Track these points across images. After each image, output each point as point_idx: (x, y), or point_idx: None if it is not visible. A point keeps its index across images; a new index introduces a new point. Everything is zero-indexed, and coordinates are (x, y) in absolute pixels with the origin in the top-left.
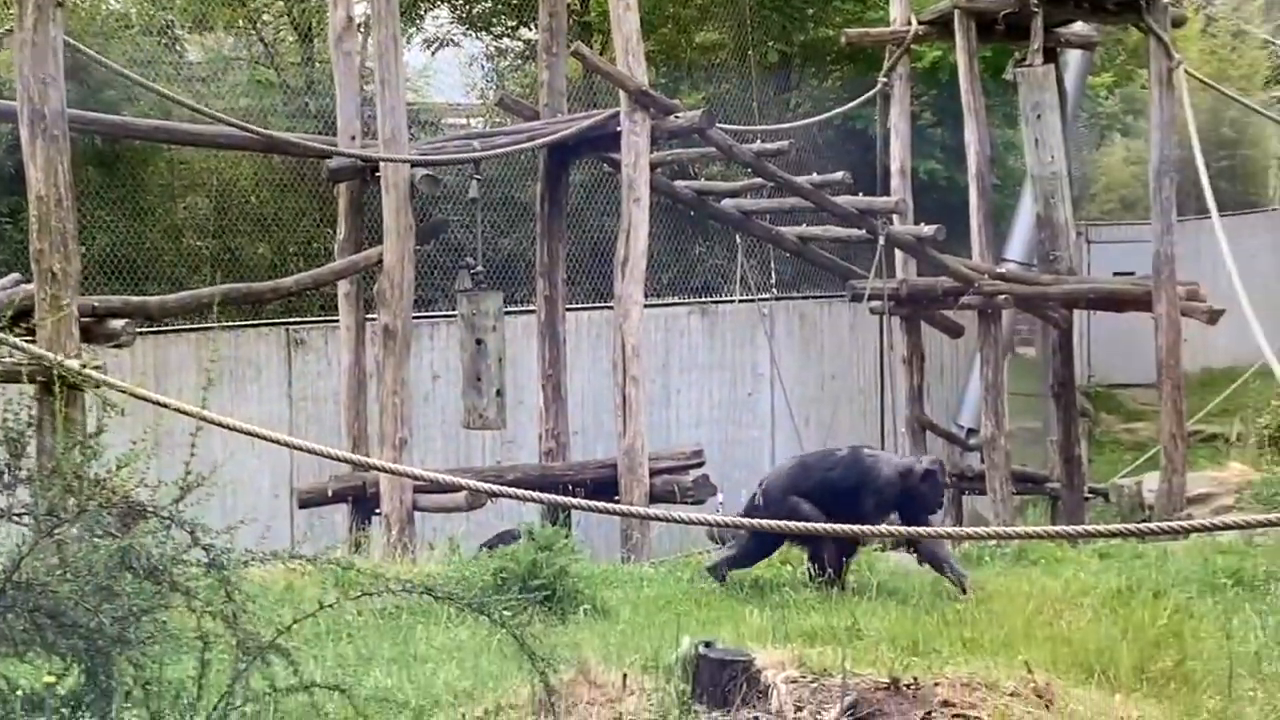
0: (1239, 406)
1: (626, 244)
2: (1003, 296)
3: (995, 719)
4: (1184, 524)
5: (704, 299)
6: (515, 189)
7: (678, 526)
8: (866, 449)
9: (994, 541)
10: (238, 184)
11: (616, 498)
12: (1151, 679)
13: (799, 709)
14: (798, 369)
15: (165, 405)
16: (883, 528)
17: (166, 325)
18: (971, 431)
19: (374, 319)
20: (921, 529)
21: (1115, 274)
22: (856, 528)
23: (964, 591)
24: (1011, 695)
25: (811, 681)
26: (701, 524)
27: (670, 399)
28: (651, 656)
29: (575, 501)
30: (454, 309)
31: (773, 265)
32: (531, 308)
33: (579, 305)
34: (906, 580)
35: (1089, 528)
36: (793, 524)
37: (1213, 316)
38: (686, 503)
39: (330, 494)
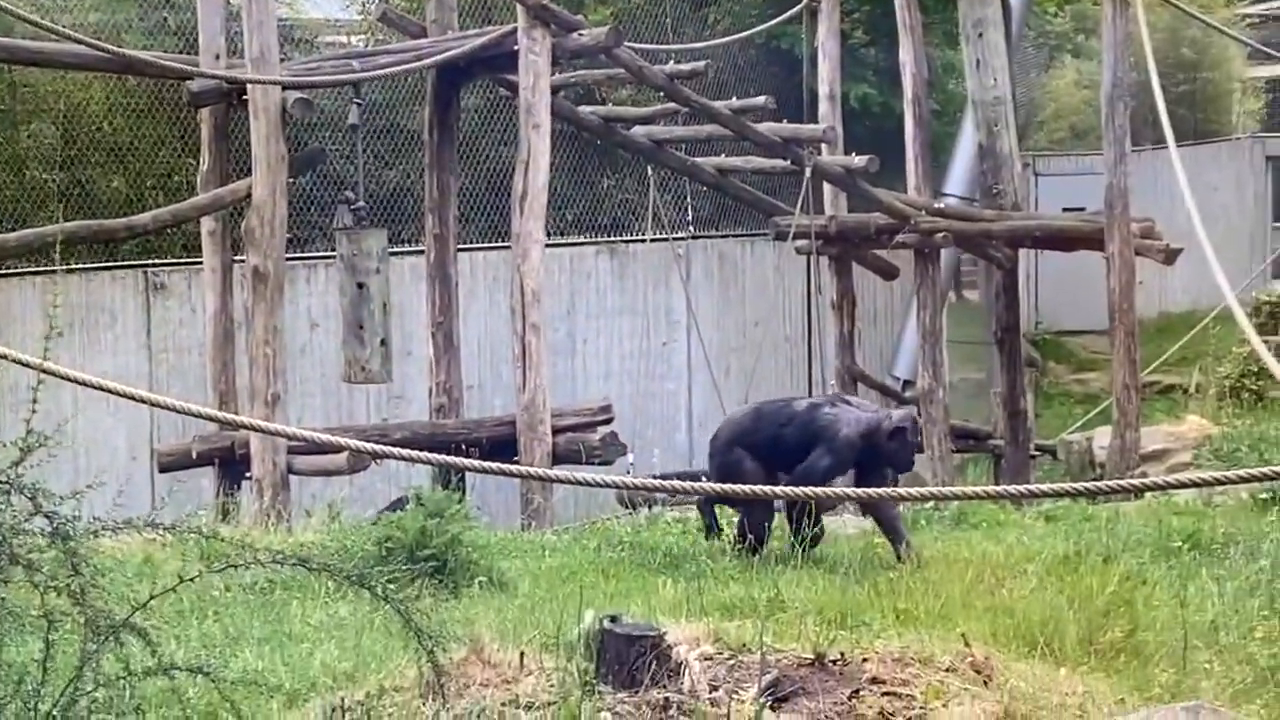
0: (1198, 355)
1: (525, 176)
2: (941, 234)
3: (929, 696)
4: (1137, 483)
5: (613, 238)
6: (401, 115)
7: (584, 490)
8: (828, 406)
9: (931, 503)
10: (88, 109)
11: (515, 458)
12: (1100, 651)
13: (714, 688)
14: (717, 315)
15: (3, 357)
16: (819, 490)
17: (8, 268)
18: (907, 383)
19: (242, 260)
20: (863, 490)
21: (1065, 209)
22: (783, 490)
23: (899, 560)
24: (947, 670)
25: (729, 658)
26: (610, 487)
27: (575, 348)
28: (552, 633)
29: (469, 463)
30: (333, 249)
31: (689, 200)
32: (420, 247)
33: (473, 245)
34: (836, 547)
35: (1034, 487)
36: (716, 485)
37: (1170, 256)
38: (593, 463)
39: (194, 456)
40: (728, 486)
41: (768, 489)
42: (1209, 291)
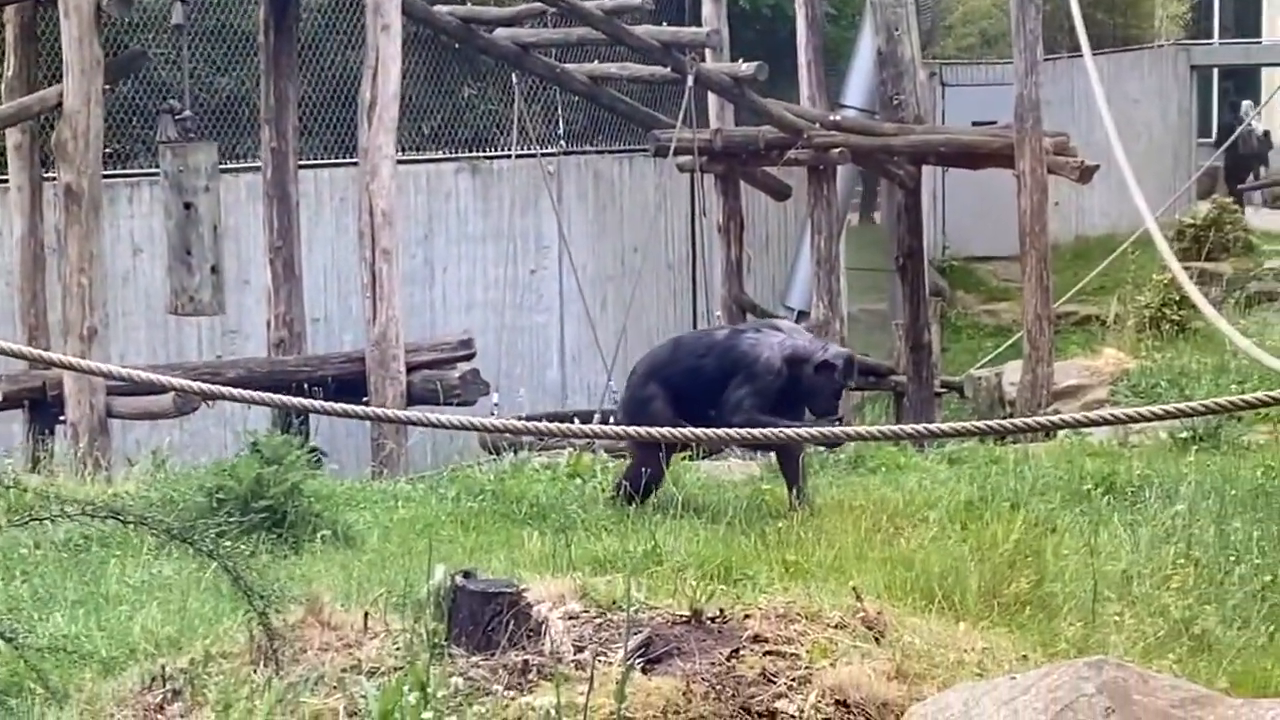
0: (1116, 283)
1: (374, 84)
2: (838, 150)
3: (815, 655)
4: (1048, 421)
5: (474, 154)
6: (233, 14)
7: (442, 434)
8: (751, 332)
9: (824, 445)
10: None
11: (365, 399)
12: (1003, 604)
13: (579, 649)
14: (591, 240)
15: None
16: (713, 431)
17: None
18: (802, 314)
19: (53, 178)
20: (745, 430)
21: (973, 123)
22: (676, 431)
23: (791, 508)
24: (836, 627)
25: (596, 617)
26: (471, 429)
27: (434, 277)
28: (402, 592)
29: (312, 403)
30: (157, 165)
31: (559, 112)
32: (256, 164)
33: (316, 161)
34: (719, 493)
35: (938, 427)
36: (596, 428)
37: (1085, 174)
38: (452, 404)
39: (1, 397)
40: (601, 428)
41: (636, 430)
42: (1129, 214)
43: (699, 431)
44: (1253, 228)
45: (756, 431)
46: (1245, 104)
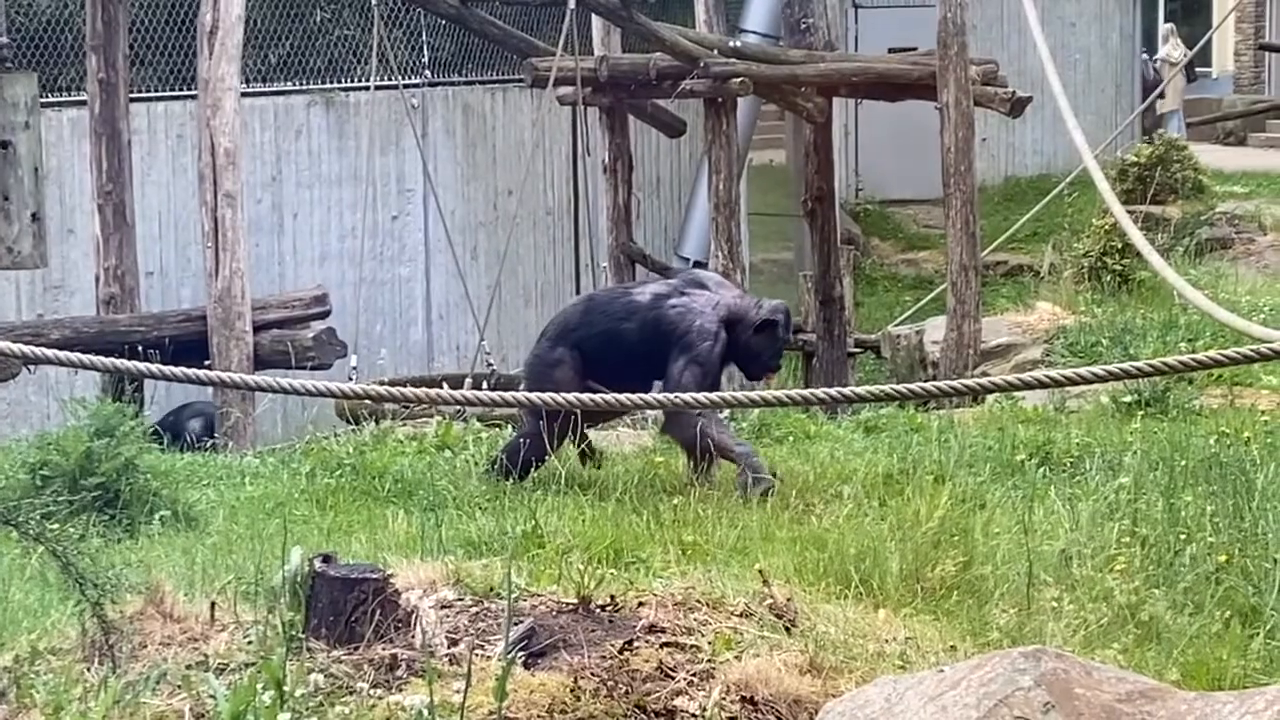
0: (1051, 228)
1: (215, 6)
2: (738, 80)
3: (718, 646)
4: (976, 383)
5: (328, 85)
6: None
7: (294, 402)
8: (675, 296)
9: (727, 412)
10: None
11: (207, 362)
12: (928, 589)
13: (454, 641)
14: (460, 182)
15: None
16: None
17: None
18: (698, 264)
19: None
20: (646, 396)
21: (890, 50)
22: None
23: (745, 492)
24: (741, 615)
25: (473, 605)
26: (327, 396)
27: (284, 225)
28: (253, 579)
29: (148, 367)
30: None
31: (424, 38)
32: (82, 96)
33: (150, 94)
34: (608, 467)
35: (852, 390)
36: (468, 394)
37: (1016, 106)
38: (305, 367)
39: None
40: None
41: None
42: (1065, 151)
43: (580, 397)
44: (1203, 167)
45: (646, 397)
46: (1165, 27)
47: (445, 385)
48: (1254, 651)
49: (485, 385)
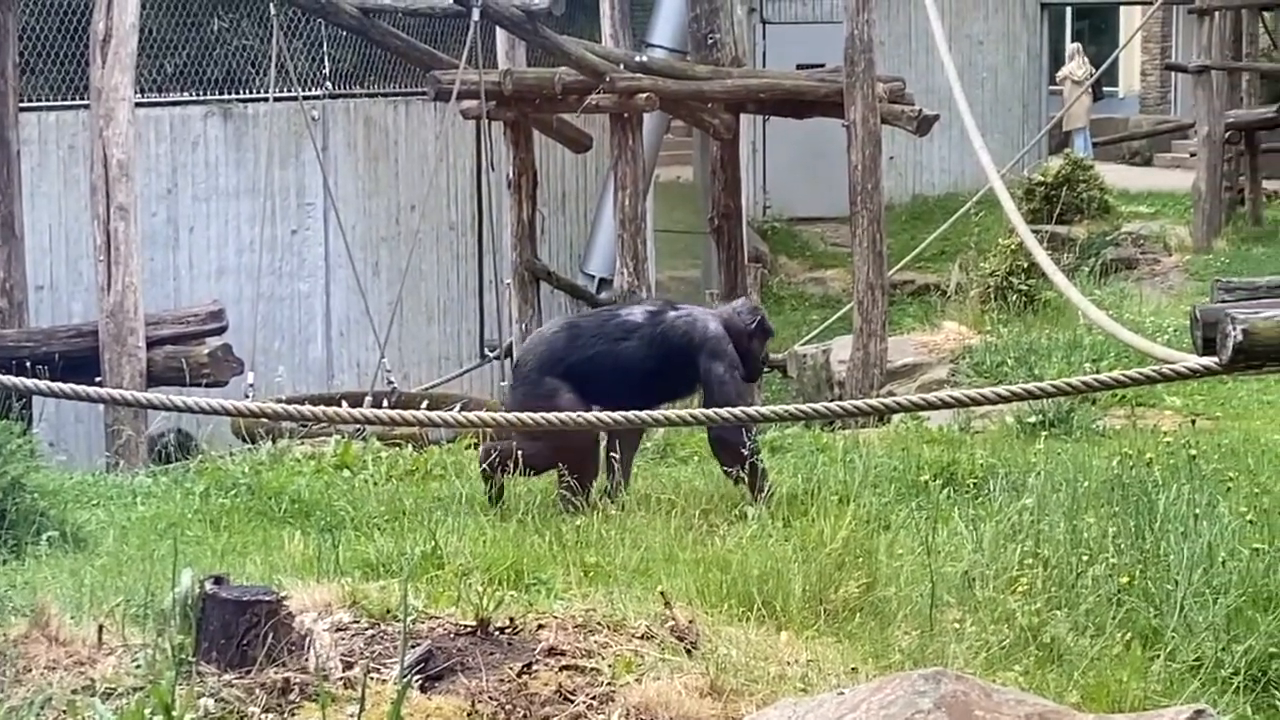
0: (958, 248)
1: (109, 13)
2: (645, 96)
3: (619, 669)
4: (882, 403)
5: (226, 95)
6: None
7: (189, 420)
8: (670, 311)
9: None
10: None
11: (98, 379)
12: (831, 611)
13: (349, 665)
14: (363, 197)
15: None
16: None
17: None
18: (603, 282)
19: None
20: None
21: (798, 66)
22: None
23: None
24: (643, 638)
25: (369, 628)
26: (222, 414)
27: (179, 239)
28: (142, 601)
29: (36, 384)
30: None
31: (325, 48)
32: None
33: (40, 103)
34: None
35: (756, 410)
36: (367, 412)
37: (923, 124)
38: (201, 385)
39: None
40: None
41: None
42: (972, 170)
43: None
44: (1110, 186)
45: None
46: (1072, 46)
47: (344, 403)
48: (1155, 673)
49: (386, 403)
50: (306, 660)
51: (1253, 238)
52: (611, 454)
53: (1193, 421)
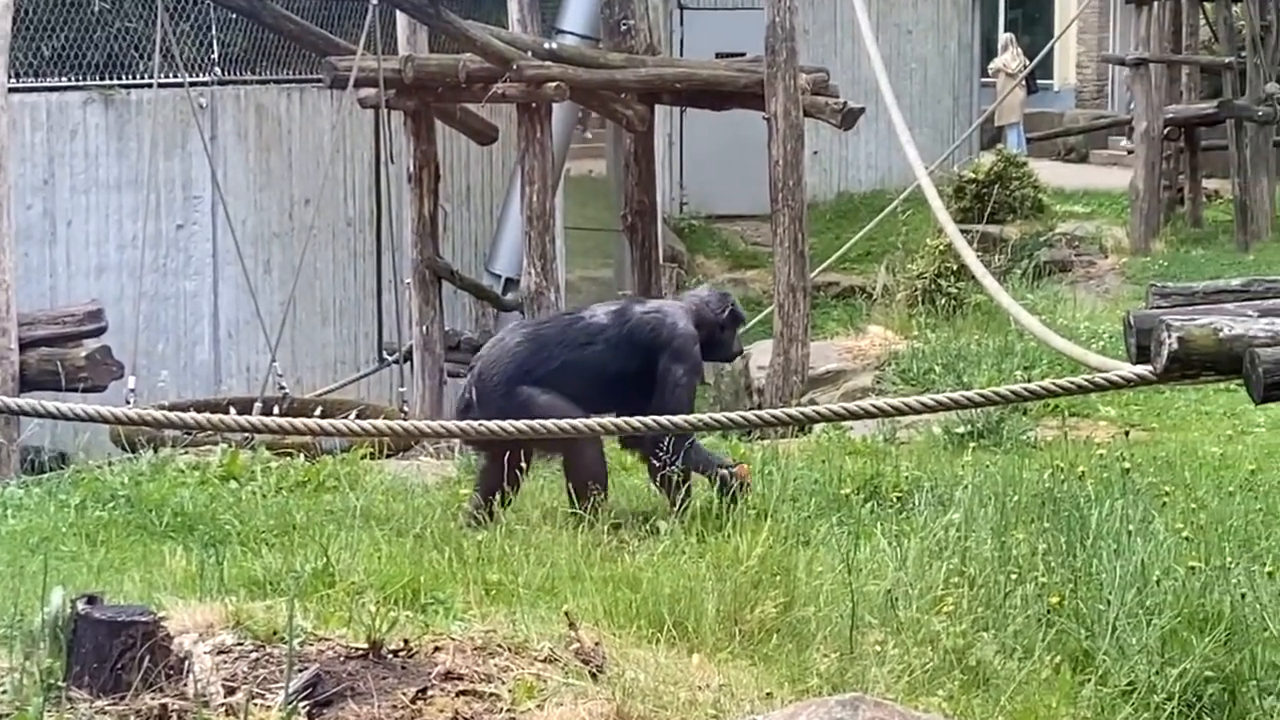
0: (885, 248)
1: None
2: (554, 85)
3: (519, 695)
4: (802, 412)
5: (107, 81)
6: None
7: (63, 427)
8: (636, 305)
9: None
10: None
11: None
12: (746, 632)
13: (231, 690)
14: (254, 190)
15: None
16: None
17: None
18: (510, 282)
19: None
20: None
21: (717, 55)
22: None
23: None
24: (546, 661)
25: (253, 650)
26: (101, 421)
27: (56, 233)
28: (11, 621)
29: None
30: None
31: (214, 32)
32: None
33: None
34: (408, 500)
35: (669, 420)
36: (256, 419)
37: (847, 118)
38: (78, 389)
39: None
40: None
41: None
42: (900, 166)
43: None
44: (1044, 184)
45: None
46: (1005, 36)
47: (232, 410)
48: (1085, 698)
49: (276, 410)
50: (185, 685)
51: (1192, 239)
52: (518, 466)
53: (1126, 433)
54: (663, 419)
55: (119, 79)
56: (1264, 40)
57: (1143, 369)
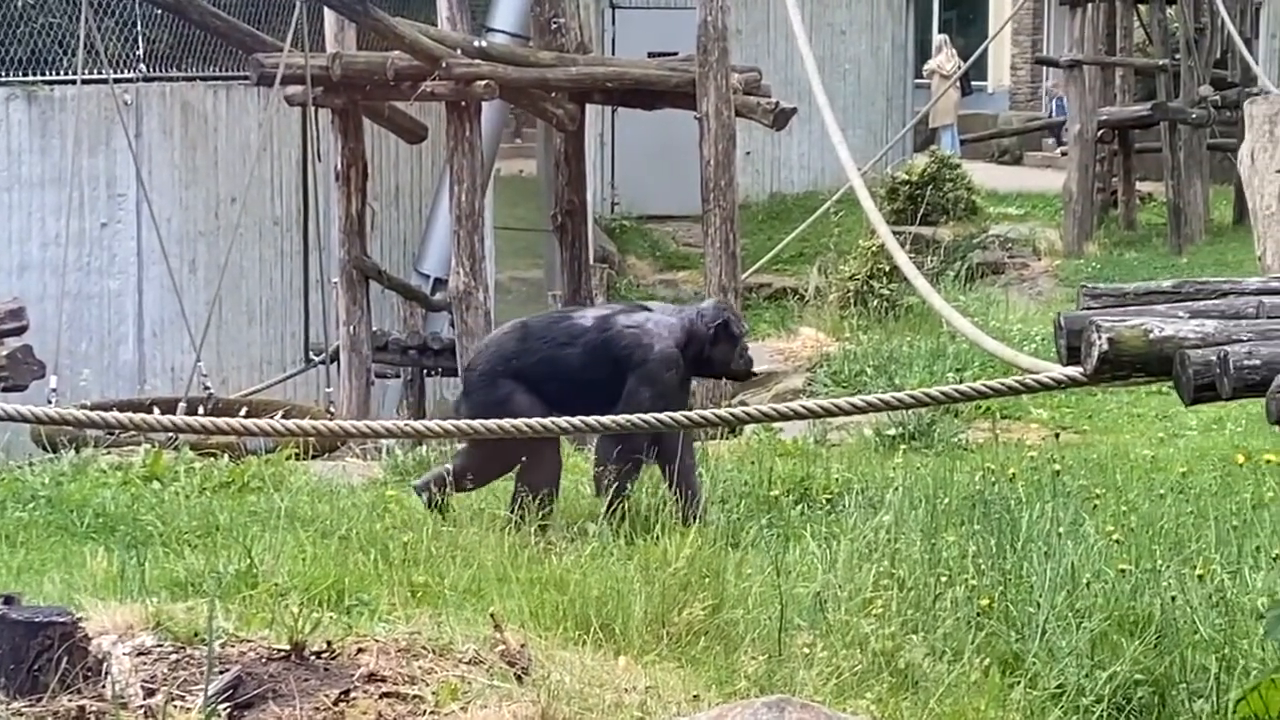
0: (818, 249)
1: None
2: (483, 83)
3: (443, 697)
4: (732, 413)
5: (30, 77)
6: None
7: None
8: (624, 315)
9: (463, 442)
10: None
11: None
12: (674, 635)
13: (150, 692)
14: (179, 188)
15: None
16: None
17: None
18: (439, 282)
19: None
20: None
21: (650, 55)
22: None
23: (685, 523)
24: (470, 663)
25: (173, 652)
26: (21, 421)
27: None
28: None
29: None
30: None
31: (139, 28)
32: None
33: None
34: (333, 500)
35: (596, 420)
36: (179, 419)
37: (779, 118)
38: None
39: None
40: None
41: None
42: (833, 167)
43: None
44: (977, 186)
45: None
46: (939, 38)
47: (156, 410)
48: (1014, 701)
49: (201, 410)
50: (104, 687)
51: (1125, 242)
52: (446, 466)
53: (1056, 435)
54: (591, 420)
55: (42, 75)
56: (1198, 43)
57: (1073, 370)
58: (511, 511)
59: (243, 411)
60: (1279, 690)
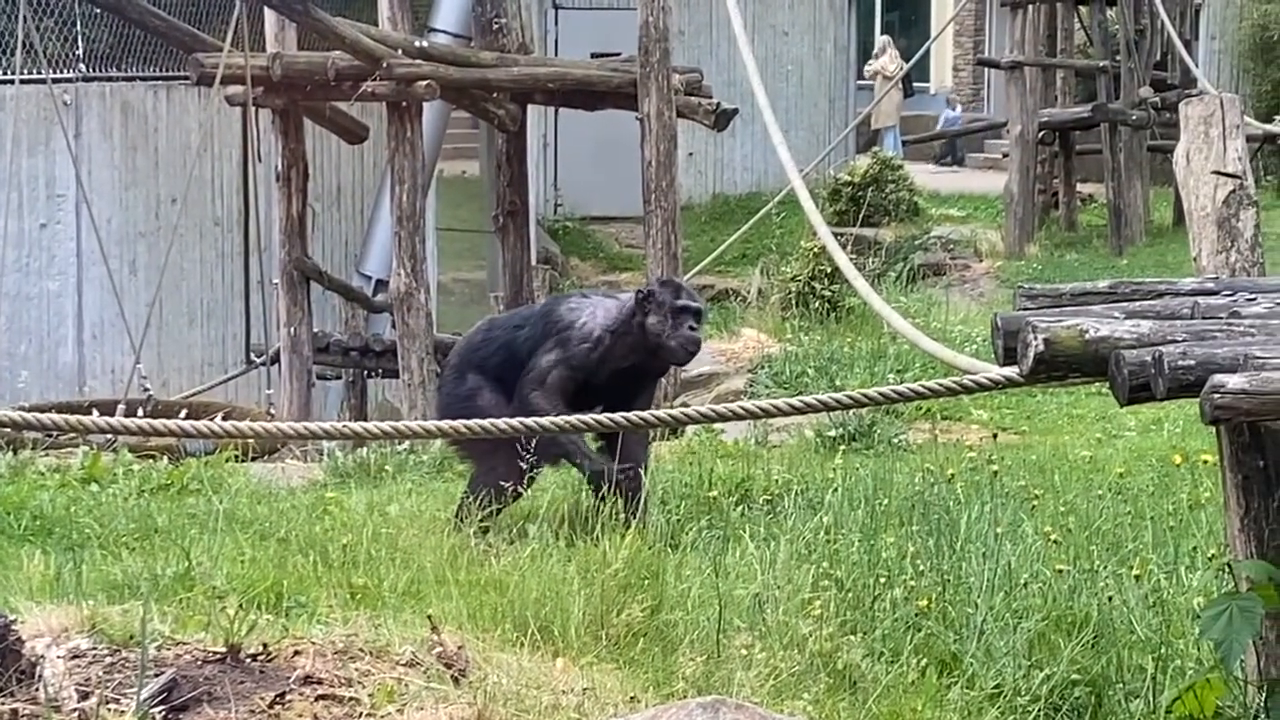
0: (760, 250)
1: None
2: (425, 84)
3: (380, 699)
4: (671, 414)
5: None
6: None
7: None
8: (576, 298)
9: (406, 444)
10: None
11: None
12: (612, 637)
13: (84, 695)
14: (119, 188)
15: None
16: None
17: None
18: (380, 284)
19: None
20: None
21: (593, 55)
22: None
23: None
24: (408, 665)
25: (109, 655)
26: None
27: None
28: None
29: None
30: None
31: (78, 27)
32: None
33: None
34: (272, 503)
35: (540, 421)
36: (118, 421)
37: (720, 119)
38: None
39: None
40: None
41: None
42: (776, 168)
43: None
44: (919, 188)
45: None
46: (882, 39)
47: (95, 412)
48: (951, 701)
49: (140, 412)
50: (37, 690)
51: (1066, 243)
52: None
53: (995, 436)
54: (530, 421)
55: None
56: (1138, 44)
57: (1010, 371)
58: (459, 510)
59: (183, 413)
60: (1213, 690)
